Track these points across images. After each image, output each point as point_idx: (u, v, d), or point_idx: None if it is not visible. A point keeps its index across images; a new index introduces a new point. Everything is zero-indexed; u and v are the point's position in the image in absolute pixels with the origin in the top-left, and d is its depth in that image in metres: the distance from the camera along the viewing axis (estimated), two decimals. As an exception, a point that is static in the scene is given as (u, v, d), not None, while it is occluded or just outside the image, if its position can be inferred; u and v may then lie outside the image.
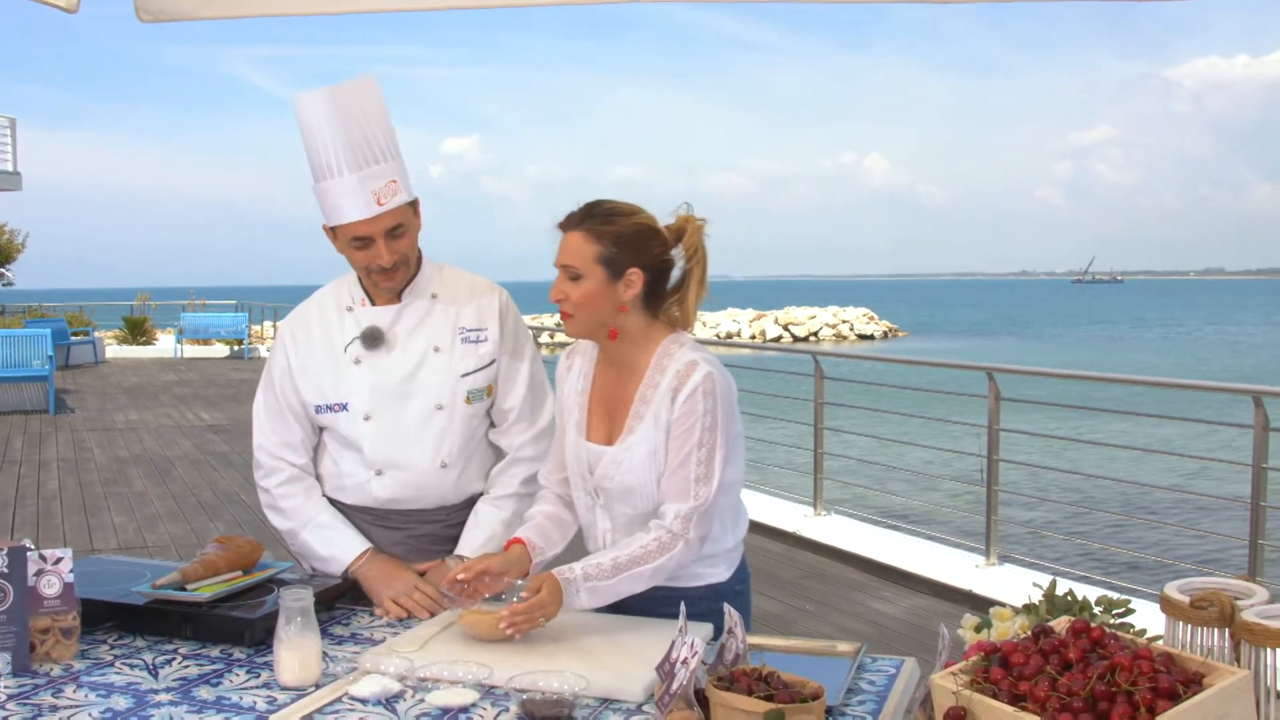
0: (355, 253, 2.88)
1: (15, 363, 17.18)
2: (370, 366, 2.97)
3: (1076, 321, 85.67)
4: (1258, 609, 1.80)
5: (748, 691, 1.83)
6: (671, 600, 2.59)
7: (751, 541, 8.24)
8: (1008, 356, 44.90)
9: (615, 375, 2.73)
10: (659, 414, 2.61)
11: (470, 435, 3.01)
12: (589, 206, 2.65)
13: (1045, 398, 9.98)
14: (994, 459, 7.34)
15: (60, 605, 2.46)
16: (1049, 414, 15.58)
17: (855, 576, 7.59)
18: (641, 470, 2.63)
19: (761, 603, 6.94)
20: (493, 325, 3.04)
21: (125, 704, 2.20)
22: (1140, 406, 18.20)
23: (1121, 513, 11.27)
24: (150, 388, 20.37)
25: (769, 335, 56.59)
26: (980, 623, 2.10)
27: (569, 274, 2.61)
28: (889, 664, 2.45)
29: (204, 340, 28.39)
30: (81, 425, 15.31)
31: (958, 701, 1.76)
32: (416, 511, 3.02)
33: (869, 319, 63.72)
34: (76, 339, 25.11)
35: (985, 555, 7.32)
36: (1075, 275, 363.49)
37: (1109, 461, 15.10)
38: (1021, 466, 9.74)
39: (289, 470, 3.03)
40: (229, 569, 2.74)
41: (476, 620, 2.50)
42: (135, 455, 12.78)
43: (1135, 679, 1.68)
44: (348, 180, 2.79)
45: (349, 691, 2.24)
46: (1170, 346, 58.27)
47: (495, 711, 2.14)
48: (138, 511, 9.77)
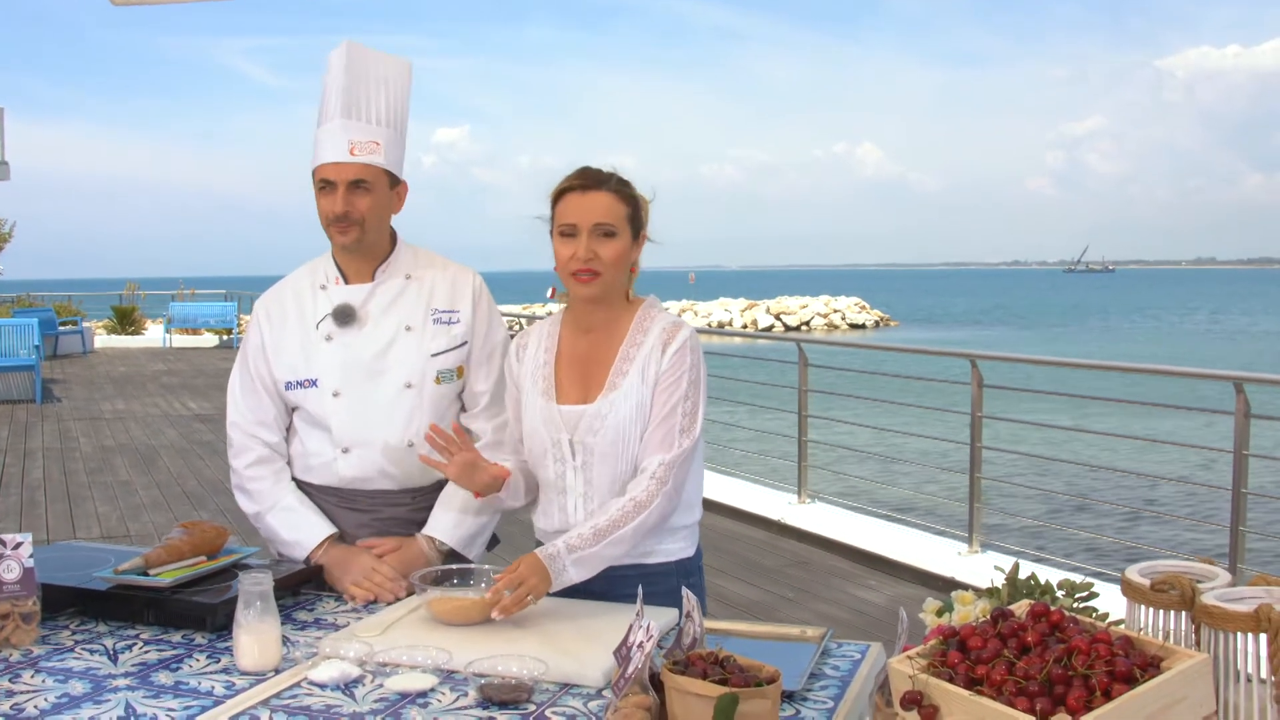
0: (319, 198, 2.91)
1: (2, 352, 17.13)
2: (341, 343, 2.97)
3: (1071, 312, 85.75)
4: (1218, 592, 1.78)
5: (702, 675, 1.81)
6: (643, 577, 2.60)
7: (735, 529, 8.20)
8: (999, 346, 44.97)
9: (590, 340, 2.77)
10: (646, 368, 2.67)
11: (439, 416, 2.99)
12: (597, 170, 2.71)
13: (1030, 385, 9.97)
14: (977, 446, 7.33)
15: (20, 590, 2.44)
16: (1034, 402, 15.59)
17: (838, 564, 7.58)
18: (627, 423, 2.66)
19: (744, 590, 6.94)
20: (465, 307, 3.04)
21: (82, 689, 2.18)
22: (1129, 395, 18.21)
23: (1105, 500, 11.27)
24: (138, 377, 20.31)
25: (761, 325, 56.59)
26: (942, 606, 2.08)
27: (602, 231, 2.65)
28: (854, 649, 2.44)
29: (193, 330, 28.32)
30: (68, 415, 15.26)
31: (914, 685, 1.74)
32: (383, 493, 3.00)
33: (861, 308, 63.75)
34: (65, 329, 25.03)
35: (968, 543, 7.31)
36: (1067, 265, 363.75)
37: (1094, 449, 15.10)
38: (1005, 453, 9.74)
39: (259, 450, 3.02)
40: (193, 554, 2.72)
41: (444, 606, 2.48)
42: (121, 444, 12.74)
43: (1092, 663, 1.67)
44: (333, 124, 2.87)
45: (308, 676, 2.22)
46: (1164, 336, 58.27)
47: (454, 696, 2.12)
48: (122, 500, 9.74)
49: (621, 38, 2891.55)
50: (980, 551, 7.26)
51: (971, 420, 7.36)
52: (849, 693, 2.17)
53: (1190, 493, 12.30)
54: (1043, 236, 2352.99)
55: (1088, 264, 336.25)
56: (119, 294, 32.04)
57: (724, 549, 7.81)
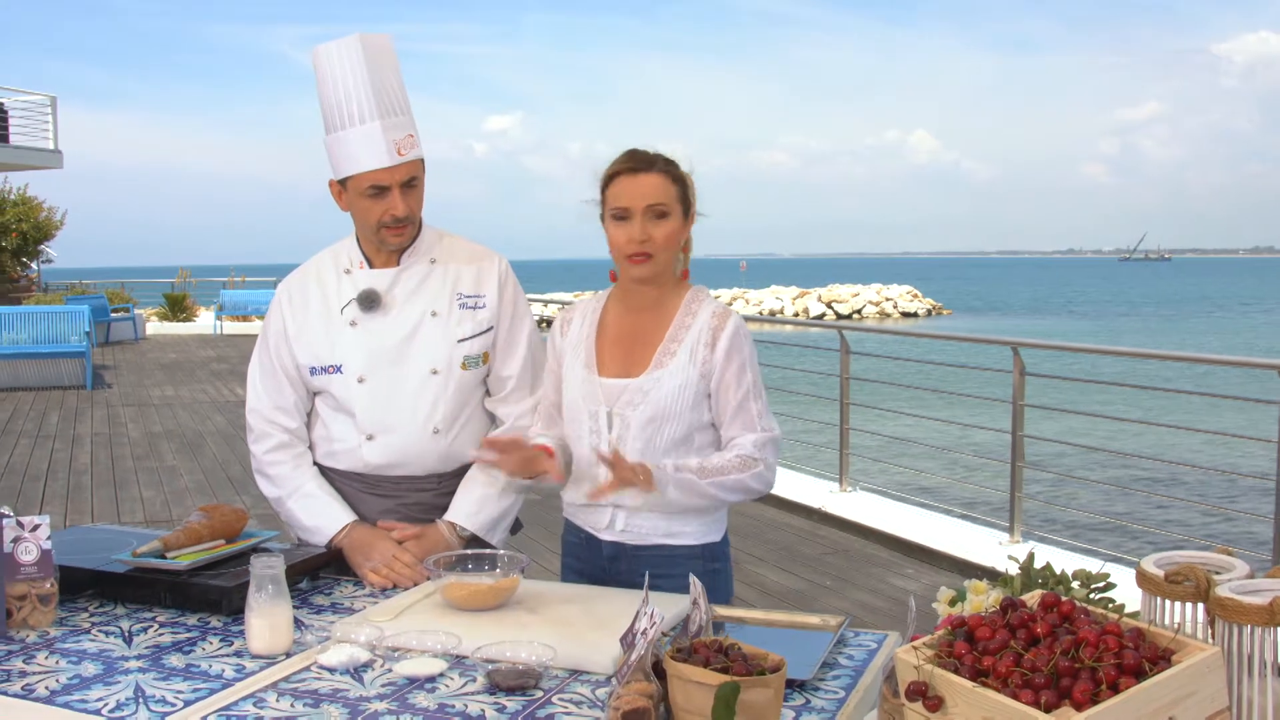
0: (369, 203, 2.86)
1: (53, 339, 17.36)
2: (366, 329, 2.95)
3: (1127, 301, 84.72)
4: (1234, 584, 1.73)
5: (705, 663, 1.79)
6: (668, 559, 2.58)
7: (776, 517, 8.15)
8: (1053, 335, 44.43)
9: (637, 318, 2.79)
10: (695, 351, 2.70)
11: (464, 402, 2.98)
12: (645, 152, 2.73)
13: (1090, 375, 9.85)
14: (1019, 434, 7.24)
15: (37, 572, 2.45)
16: (1081, 391, 15.42)
17: (878, 553, 7.52)
18: (669, 401, 2.68)
19: (782, 578, 6.90)
20: (491, 292, 3.02)
21: (94, 670, 2.19)
22: (1176, 384, 17.93)
23: (1153, 490, 11.13)
24: (188, 364, 20.52)
25: (812, 313, 56.33)
26: (955, 596, 2.05)
27: (655, 212, 2.67)
28: (871, 638, 2.40)
29: (243, 317, 28.56)
30: (117, 400, 15.44)
31: (919, 676, 1.71)
32: (407, 479, 2.99)
33: (913, 297, 63.30)
34: (117, 316, 25.32)
35: (1009, 532, 7.24)
36: (1123, 253, 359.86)
37: (1138, 438, 14.90)
38: (1048, 442, 9.63)
39: (279, 436, 3.01)
40: (212, 538, 2.72)
41: (458, 591, 2.47)
42: (168, 430, 12.87)
43: (1100, 655, 1.63)
44: (371, 127, 2.80)
45: (318, 660, 2.21)
46: (1223, 326, 57.34)
47: (463, 681, 2.11)
48: (166, 485, 9.83)
49: (671, 23, 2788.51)
50: (1021, 541, 7.18)
51: (1013, 408, 7.27)
52: (861, 682, 2.15)
53: (1241, 484, 12.11)
54: (1098, 224, 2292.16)
55: (1145, 252, 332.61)
56: (171, 281, 32.35)
57: (764, 537, 7.78)
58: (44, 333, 17.37)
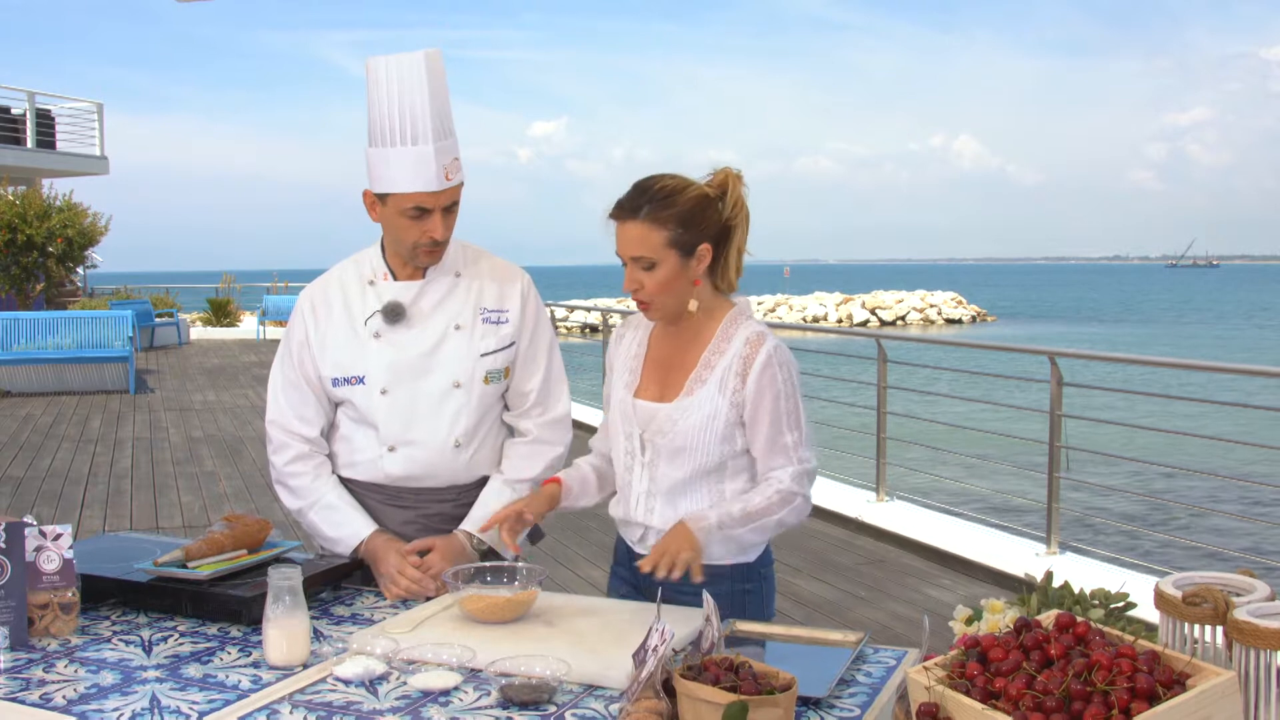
0: (409, 223, 2.84)
1: (97, 343, 17.54)
2: (390, 341, 2.95)
3: (1177, 309, 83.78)
4: (1252, 607, 1.70)
5: (715, 681, 1.77)
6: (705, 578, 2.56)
7: (812, 526, 8.09)
8: (1100, 344, 44.00)
9: (675, 341, 2.75)
10: (725, 381, 2.63)
11: (484, 416, 2.99)
12: (639, 191, 2.62)
13: (1130, 385, 9.74)
14: (1055, 445, 7.17)
15: (59, 581, 2.47)
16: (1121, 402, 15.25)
17: (914, 563, 7.47)
18: (697, 431, 2.64)
19: (817, 588, 6.87)
20: (514, 307, 3.01)
21: (112, 679, 2.20)
22: (1218, 395, 17.70)
23: (1195, 504, 11.00)
24: (230, 369, 20.68)
25: (855, 319, 56.11)
26: (972, 615, 2.02)
27: (642, 264, 2.60)
28: (890, 655, 2.38)
29: (285, 322, 28.71)
30: (159, 405, 15.57)
31: (930, 697, 1.69)
32: (428, 490, 2.99)
33: (957, 303, 62.92)
34: (161, 320, 25.54)
35: (1046, 544, 7.17)
36: (1170, 259, 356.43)
37: (1185, 451, 14.71)
38: (1088, 454, 9.52)
39: (299, 446, 3.01)
40: (234, 547, 2.73)
41: (476, 603, 2.47)
42: (209, 435, 12.96)
43: (1113, 678, 1.60)
44: (424, 150, 2.77)
45: (334, 672, 2.21)
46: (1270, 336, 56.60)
47: (476, 695, 2.11)
48: (205, 490, 9.90)
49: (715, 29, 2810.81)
50: (1059, 553, 7.10)
51: (1050, 418, 7.20)
52: (877, 701, 2.12)
53: None
54: (1145, 230, 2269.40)
55: (1193, 259, 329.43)
56: (215, 286, 32.61)
57: (800, 546, 7.74)
58: (88, 338, 17.55)
